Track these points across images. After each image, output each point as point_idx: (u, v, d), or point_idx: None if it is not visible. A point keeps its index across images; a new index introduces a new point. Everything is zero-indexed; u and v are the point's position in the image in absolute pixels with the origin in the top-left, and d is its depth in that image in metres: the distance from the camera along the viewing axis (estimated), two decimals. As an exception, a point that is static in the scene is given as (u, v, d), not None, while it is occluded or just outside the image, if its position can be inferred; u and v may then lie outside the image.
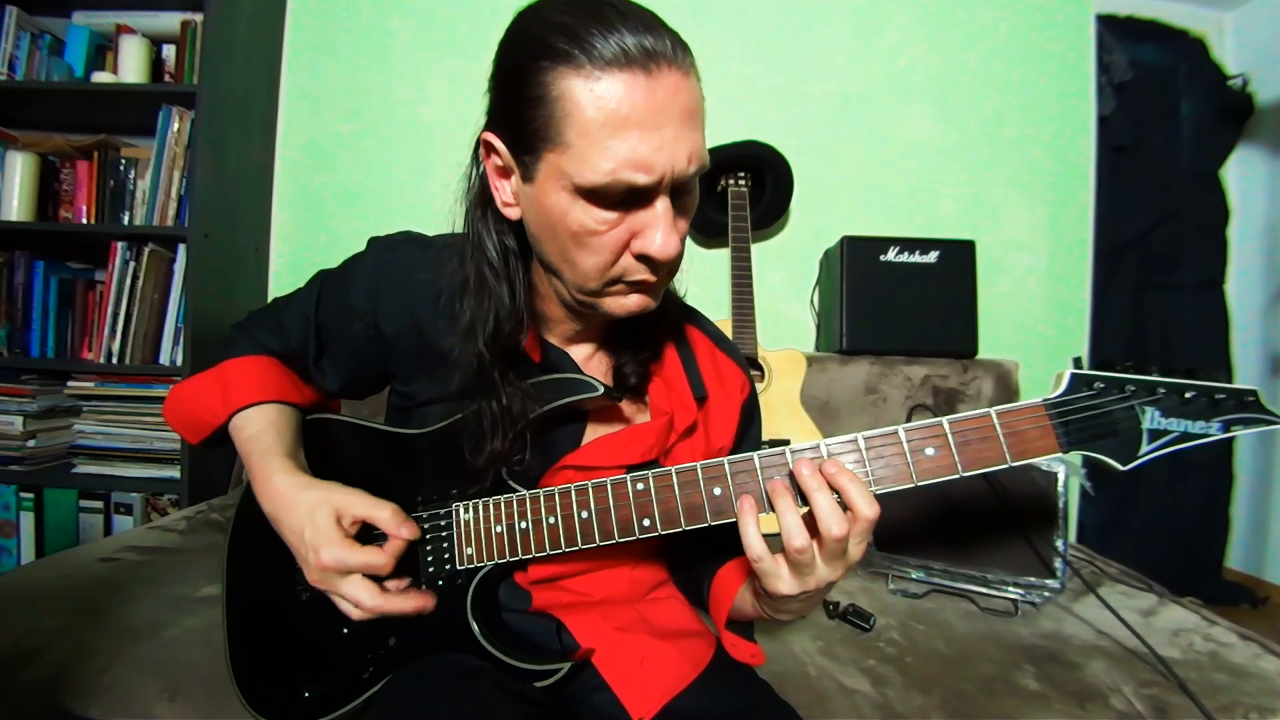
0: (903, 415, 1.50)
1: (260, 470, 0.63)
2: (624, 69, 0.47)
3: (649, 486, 0.58)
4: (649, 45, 0.47)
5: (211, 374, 0.69)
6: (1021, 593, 1.11)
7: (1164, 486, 2.10)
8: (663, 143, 0.49)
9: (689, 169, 0.51)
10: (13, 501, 1.60)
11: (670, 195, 0.52)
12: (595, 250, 0.53)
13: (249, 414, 0.66)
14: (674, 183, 0.51)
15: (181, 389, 0.70)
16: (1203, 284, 2.17)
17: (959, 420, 0.55)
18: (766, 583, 0.54)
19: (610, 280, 0.56)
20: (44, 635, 0.80)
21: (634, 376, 0.67)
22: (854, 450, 0.55)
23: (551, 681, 0.60)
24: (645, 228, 0.52)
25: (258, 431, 0.65)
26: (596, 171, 0.49)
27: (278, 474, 0.62)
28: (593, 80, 0.47)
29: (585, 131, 0.48)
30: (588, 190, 0.50)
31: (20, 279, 1.64)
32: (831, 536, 0.50)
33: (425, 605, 0.61)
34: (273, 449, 0.64)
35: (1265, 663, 0.92)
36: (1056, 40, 1.89)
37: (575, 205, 0.51)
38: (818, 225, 1.85)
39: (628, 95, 0.47)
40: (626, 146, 0.48)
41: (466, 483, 0.64)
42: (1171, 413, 0.53)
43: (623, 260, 0.54)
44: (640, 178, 0.49)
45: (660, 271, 0.56)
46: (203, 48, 1.56)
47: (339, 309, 0.69)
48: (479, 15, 1.84)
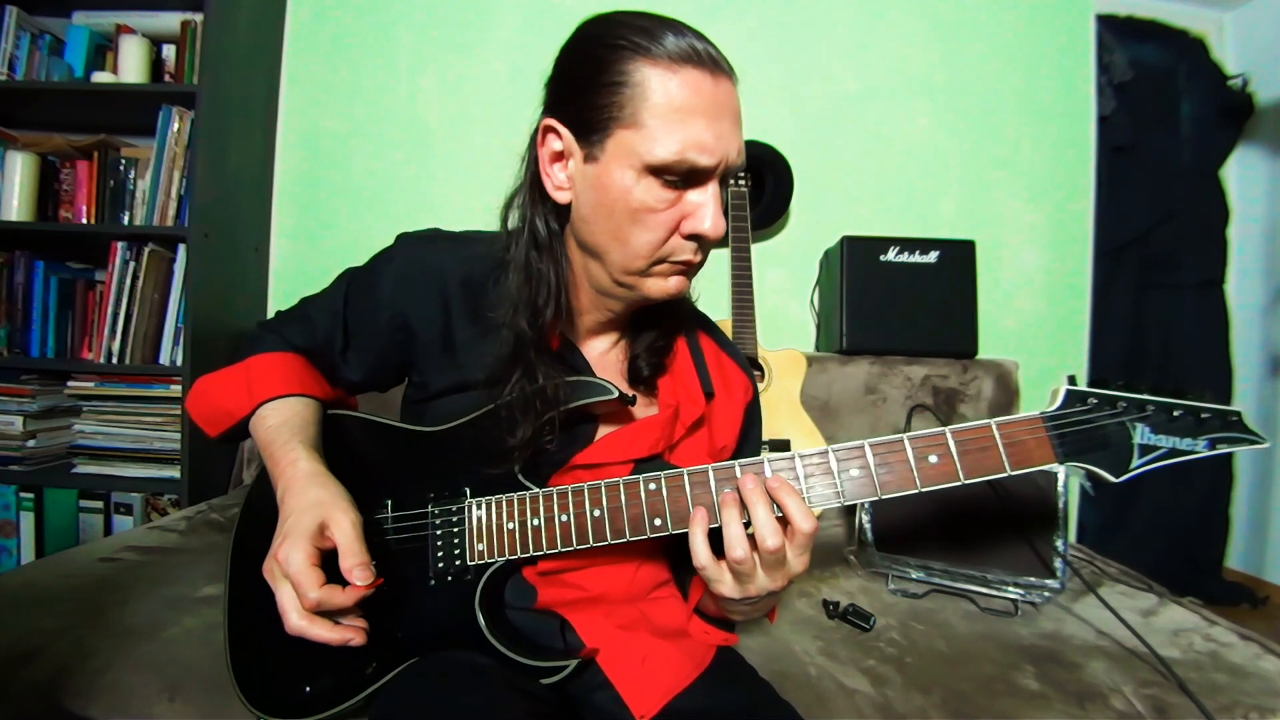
0: (903, 415, 1.50)
1: (284, 455, 0.63)
2: (697, 67, 0.55)
3: (661, 486, 0.60)
4: (714, 53, 0.57)
5: (238, 368, 0.69)
6: (1021, 593, 1.11)
7: (1164, 487, 2.10)
8: (722, 133, 0.56)
9: (738, 160, 0.59)
10: (13, 501, 1.60)
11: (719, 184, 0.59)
12: (650, 228, 0.58)
13: (274, 405, 0.67)
14: (726, 170, 0.58)
15: (207, 381, 0.71)
16: (1203, 284, 2.17)
17: (961, 430, 0.58)
18: (711, 587, 0.59)
19: (657, 260, 0.60)
20: (44, 635, 0.80)
21: (648, 368, 0.69)
22: (859, 457, 0.58)
23: (557, 679, 0.60)
24: (697, 209, 0.58)
25: (282, 421, 0.66)
26: (667, 150, 0.55)
27: (302, 460, 0.63)
28: (670, 71, 0.55)
29: (659, 113, 0.55)
30: (656, 167, 0.56)
31: (20, 279, 1.63)
32: (767, 548, 0.54)
33: (350, 640, 0.57)
34: (297, 436, 0.65)
35: (1265, 663, 0.92)
36: (1056, 40, 1.89)
37: (639, 183, 0.57)
38: (818, 225, 1.85)
39: (698, 88, 0.55)
40: (694, 131, 0.55)
41: (479, 480, 0.65)
42: (1160, 429, 0.57)
43: (672, 240, 0.59)
44: (704, 159, 0.56)
45: (704, 253, 0.62)
46: (203, 48, 1.56)
47: (367, 302, 0.71)
48: (479, 15, 1.83)
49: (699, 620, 0.71)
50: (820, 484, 0.59)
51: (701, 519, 0.57)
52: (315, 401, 0.70)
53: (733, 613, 0.64)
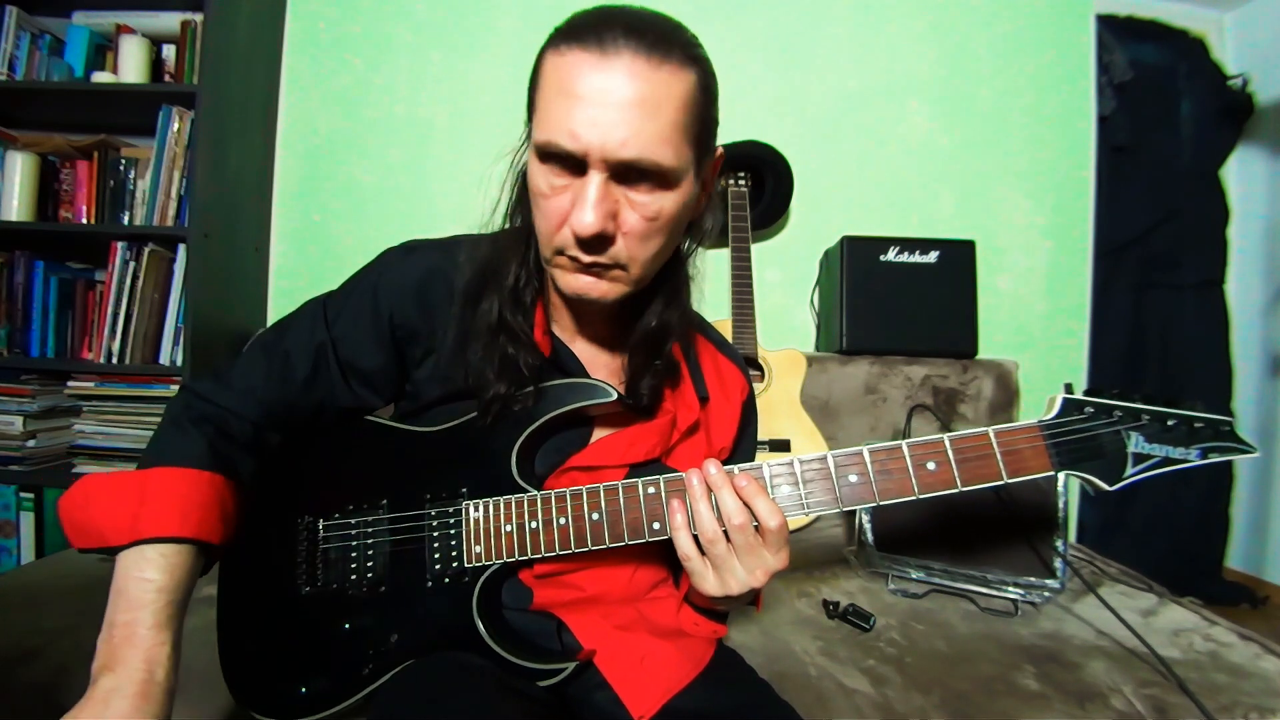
0: (903, 416, 1.50)
1: (147, 637, 0.52)
2: (583, 49, 0.52)
3: (660, 490, 0.61)
4: (614, 34, 0.51)
5: (132, 481, 0.57)
6: (1021, 593, 1.11)
7: (1164, 487, 2.10)
8: (597, 119, 0.51)
9: (622, 152, 0.51)
10: (13, 501, 1.60)
11: (617, 178, 0.54)
12: (545, 214, 0.57)
13: (160, 555, 0.55)
14: (607, 160, 0.52)
15: (92, 485, 0.58)
16: (1203, 284, 2.17)
17: (959, 437, 0.59)
18: (694, 581, 0.60)
19: (556, 250, 0.58)
20: (44, 635, 0.80)
21: (647, 396, 0.67)
22: (858, 463, 0.59)
23: (554, 681, 0.60)
24: (576, 200, 0.54)
25: (170, 587, 0.55)
26: (541, 132, 0.54)
27: (161, 666, 0.52)
28: (557, 54, 0.54)
29: (545, 96, 0.55)
30: (539, 150, 0.55)
31: (20, 279, 1.63)
32: (734, 525, 0.57)
33: None
34: (174, 622, 0.55)
35: (1265, 663, 0.92)
36: (1056, 40, 1.89)
37: (535, 168, 0.57)
38: (818, 225, 1.85)
39: (576, 70, 0.52)
40: (562, 113, 0.52)
41: (477, 481, 0.65)
42: (1154, 438, 0.58)
43: (563, 232, 0.56)
44: (568, 143, 0.52)
45: (590, 250, 0.55)
46: (203, 48, 1.56)
47: (354, 322, 0.68)
48: (478, 16, 1.84)
49: (689, 610, 0.71)
50: (819, 489, 0.59)
51: (680, 508, 0.59)
52: (203, 555, 0.59)
53: (718, 602, 0.65)
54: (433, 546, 0.65)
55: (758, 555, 0.58)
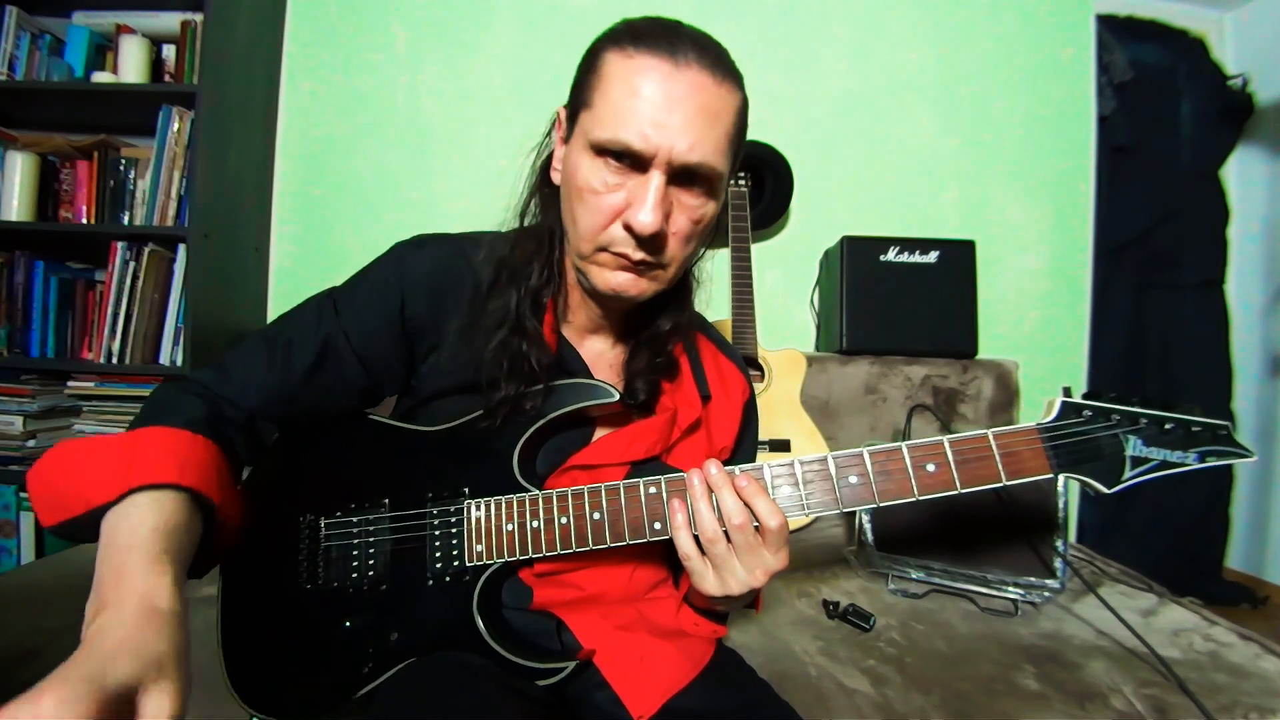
0: (903, 416, 1.50)
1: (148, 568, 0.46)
2: (654, 54, 0.55)
3: (661, 490, 0.61)
4: (685, 47, 0.55)
5: (122, 439, 0.53)
6: (1021, 593, 1.11)
7: (1164, 487, 2.09)
8: (667, 122, 0.54)
9: (689, 155, 0.55)
10: (13, 501, 1.60)
11: (673, 180, 0.57)
12: (592, 209, 0.58)
13: (153, 499, 0.49)
14: (671, 163, 0.55)
15: (73, 446, 0.52)
16: (1203, 284, 2.17)
17: (959, 440, 0.59)
18: (694, 581, 0.61)
19: (599, 246, 0.59)
20: (44, 635, 0.80)
21: (644, 393, 0.68)
22: (858, 464, 0.59)
23: (554, 680, 0.60)
24: (635, 198, 0.56)
25: (163, 527, 0.49)
26: (605, 128, 0.55)
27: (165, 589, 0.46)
28: (626, 56, 0.56)
29: (608, 94, 0.56)
30: (597, 146, 0.56)
31: (20, 279, 1.63)
32: (734, 524, 0.57)
33: None
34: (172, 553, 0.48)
35: (1265, 663, 0.92)
36: (1056, 40, 1.89)
37: (587, 163, 0.58)
38: (818, 225, 1.85)
39: (648, 74, 0.54)
40: (633, 113, 0.54)
41: (478, 480, 0.65)
42: (1152, 441, 0.58)
43: (612, 229, 0.58)
44: (637, 143, 0.54)
45: (644, 248, 0.58)
46: (203, 48, 1.56)
47: (363, 314, 0.68)
48: (478, 17, 1.84)
49: (689, 610, 0.71)
50: (819, 490, 0.60)
51: (680, 508, 0.60)
52: (200, 516, 0.54)
53: (717, 603, 0.65)
54: (434, 545, 0.65)
55: (758, 555, 0.58)
